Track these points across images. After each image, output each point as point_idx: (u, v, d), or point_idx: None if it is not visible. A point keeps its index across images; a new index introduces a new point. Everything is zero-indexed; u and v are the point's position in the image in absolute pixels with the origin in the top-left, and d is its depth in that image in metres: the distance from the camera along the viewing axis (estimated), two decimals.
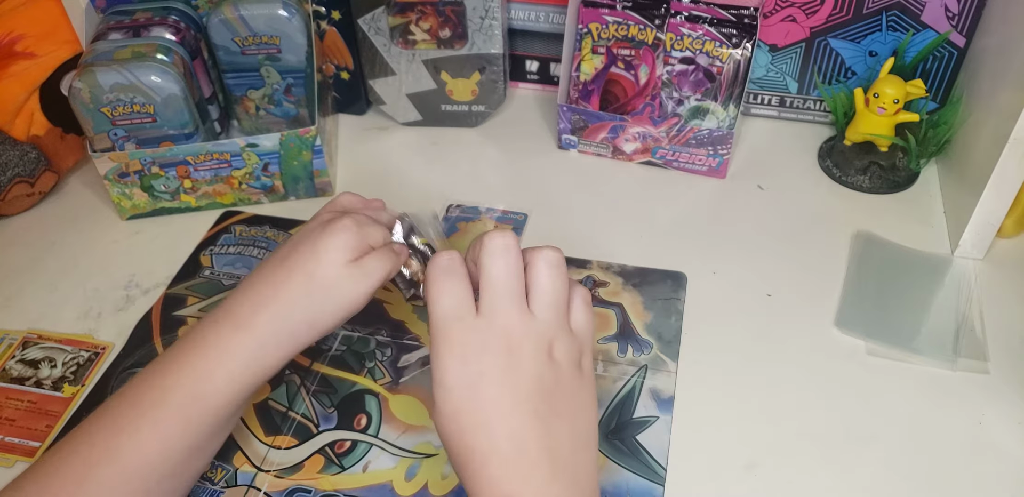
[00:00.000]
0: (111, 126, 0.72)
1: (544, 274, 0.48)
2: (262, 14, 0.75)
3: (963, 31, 0.77)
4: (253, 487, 0.57)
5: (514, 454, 0.44)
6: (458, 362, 0.45)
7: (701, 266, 0.71)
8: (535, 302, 0.47)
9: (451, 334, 0.46)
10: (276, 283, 0.52)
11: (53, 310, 0.69)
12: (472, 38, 0.80)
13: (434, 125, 0.88)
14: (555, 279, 0.48)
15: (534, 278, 0.47)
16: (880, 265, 0.71)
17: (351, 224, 0.53)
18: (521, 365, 0.45)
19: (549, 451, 0.45)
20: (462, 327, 0.46)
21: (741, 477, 0.57)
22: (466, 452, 0.45)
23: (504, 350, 0.45)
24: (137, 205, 0.77)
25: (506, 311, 0.46)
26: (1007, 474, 0.57)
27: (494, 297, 0.46)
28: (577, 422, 0.47)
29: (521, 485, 0.44)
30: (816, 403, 0.61)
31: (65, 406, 0.62)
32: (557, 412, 0.46)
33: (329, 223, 0.53)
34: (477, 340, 0.46)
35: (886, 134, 0.77)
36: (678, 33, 0.75)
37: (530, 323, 0.46)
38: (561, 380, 0.47)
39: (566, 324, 0.48)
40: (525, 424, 0.45)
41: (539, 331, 0.47)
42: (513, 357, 0.45)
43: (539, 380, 0.46)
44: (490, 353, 0.45)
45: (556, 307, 0.47)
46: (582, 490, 0.46)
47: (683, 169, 0.81)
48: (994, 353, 0.64)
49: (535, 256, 0.48)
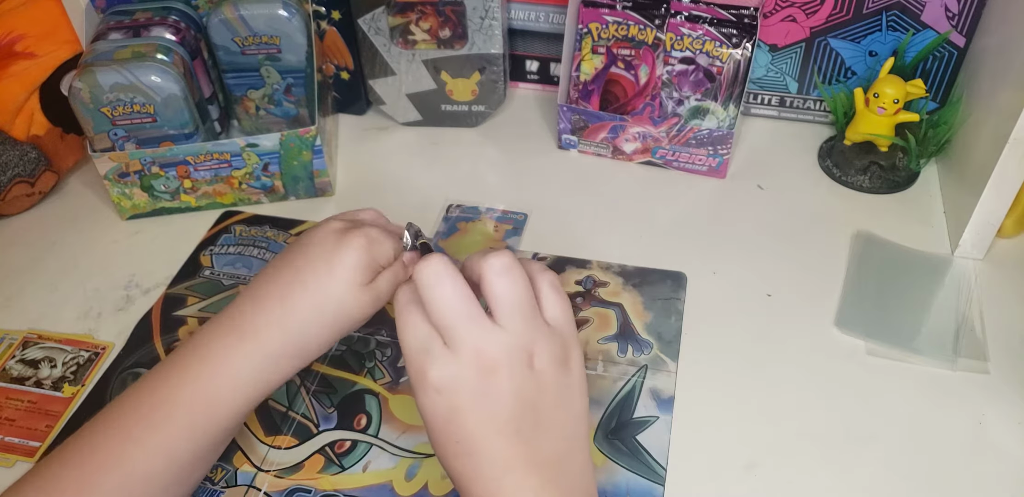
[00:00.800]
0: (111, 126, 0.72)
1: (496, 283, 0.45)
2: (262, 14, 0.75)
3: (963, 31, 0.77)
4: (253, 487, 0.57)
5: (500, 475, 0.44)
6: (432, 396, 0.44)
7: (701, 266, 0.71)
8: (498, 314, 0.44)
9: (421, 368, 0.44)
10: (289, 298, 0.51)
11: (53, 310, 0.70)
12: (472, 38, 0.80)
13: (434, 125, 0.88)
14: (509, 284, 0.45)
15: (487, 289, 0.45)
16: (880, 265, 0.71)
17: (364, 243, 0.52)
18: (498, 389, 0.44)
19: (536, 465, 0.44)
20: (431, 360, 0.44)
21: (741, 477, 0.57)
22: (454, 474, 0.45)
23: (477, 378, 0.44)
24: (137, 205, 0.77)
25: (470, 334, 0.44)
26: (1007, 474, 0.57)
27: (453, 325, 0.44)
28: (566, 424, 0.46)
29: None
30: (816, 403, 0.61)
31: (65, 406, 0.62)
32: (541, 423, 0.45)
33: (343, 239, 0.52)
34: (447, 373, 0.44)
35: (886, 134, 0.77)
36: (678, 33, 0.75)
37: (500, 339, 0.44)
38: (544, 387, 0.45)
39: (541, 323, 0.46)
40: (508, 447, 0.44)
41: (512, 344, 0.44)
42: (488, 382, 0.44)
43: (519, 397, 0.44)
44: (462, 384, 0.44)
45: (522, 312, 0.45)
46: (575, 489, 0.46)
47: (683, 169, 0.81)
48: (994, 353, 0.64)
49: (480, 266, 0.45)
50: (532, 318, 0.45)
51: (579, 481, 0.46)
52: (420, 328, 0.45)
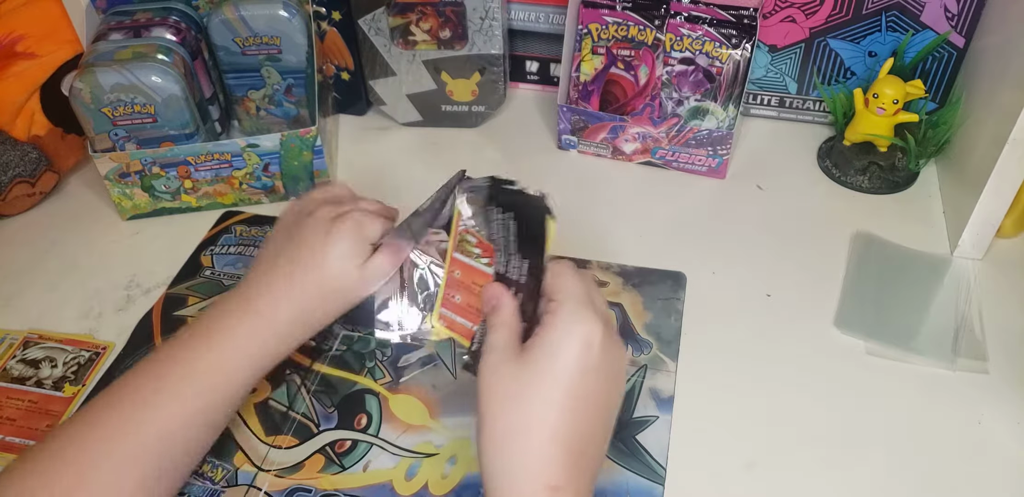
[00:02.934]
0: (112, 126, 0.72)
1: (565, 282, 0.50)
2: (262, 14, 0.75)
3: (962, 31, 0.77)
4: (254, 487, 0.57)
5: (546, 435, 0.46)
6: (581, 350, 0.47)
7: (701, 266, 0.72)
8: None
9: (585, 318, 0.48)
10: (290, 279, 0.56)
11: (54, 310, 0.70)
12: (472, 39, 0.80)
13: (434, 125, 0.88)
14: (575, 282, 0.50)
15: (556, 288, 0.50)
16: (879, 265, 0.71)
17: (353, 228, 0.57)
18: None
19: (575, 458, 0.46)
20: (594, 317, 0.48)
21: (741, 476, 0.57)
22: (502, 428, 0.46)
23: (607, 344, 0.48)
24: (138, 205, 0.77)
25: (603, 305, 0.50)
26: (1007, 474, 0.57)
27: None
28: (606, 401, 0.48)
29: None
30: (815, 403, 0.61)
31: (66, 406, 0.62)
32: (586, 408, 0.47)
33: (333, 228, 0.57)
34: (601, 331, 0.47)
35: (885, 134, 0.77)
36: (678, 34, 0.75)
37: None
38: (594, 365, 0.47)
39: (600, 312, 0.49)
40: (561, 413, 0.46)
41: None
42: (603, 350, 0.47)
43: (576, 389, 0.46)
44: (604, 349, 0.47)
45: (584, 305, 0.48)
46: (587, 468, 0.47)
47: (683, 169, 0.81)
48: (993, 353, 0.64)
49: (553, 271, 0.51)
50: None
51: (594, 460, 0.48)
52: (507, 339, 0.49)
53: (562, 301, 0.48)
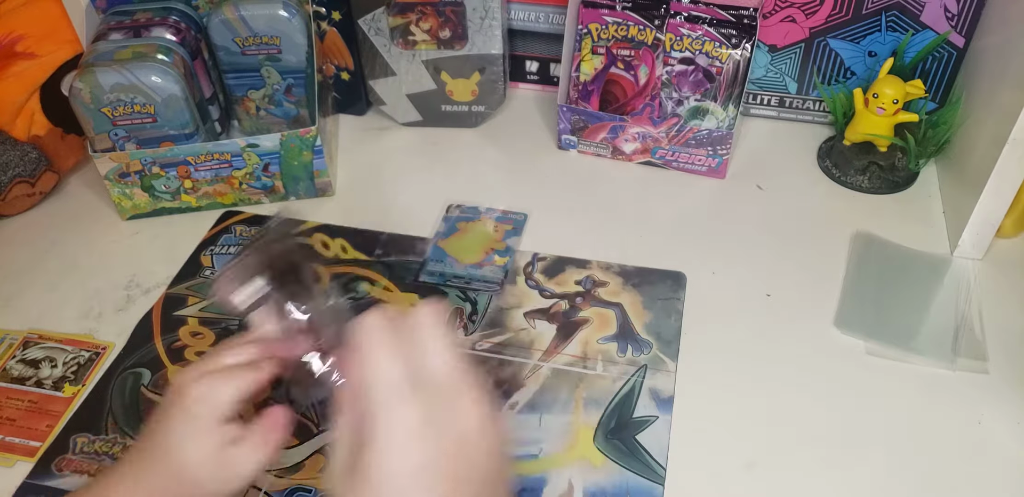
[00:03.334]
0: (112, 126, 0.72)
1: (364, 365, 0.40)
2: (262, 14, 0.75)
3: (962, 31, 0.77)
4: (254, 487, 0.57)
5: None
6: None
7: (701, 266, 0.72)
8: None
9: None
10: (150, 488, 0.48)
11: (53, 310, 0.70)
12: (472, 38, 0.80)
13: (434, 125, 0.88)
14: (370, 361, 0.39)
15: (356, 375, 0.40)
16: (879, 265, 0.71)
17: (204, 427, 0.47)
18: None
19: None
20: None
21: (741, 476, 0.57)
22: None
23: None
24: (137, 205, 0.77)
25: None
26: (1007, 474, 0.57)
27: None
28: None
29: None
30: (815, 403, 0.61)
31: (66, 406, 0.62)
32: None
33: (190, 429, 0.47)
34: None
35: (885, 134, 0.77)
36: (678, 33, 0.75)
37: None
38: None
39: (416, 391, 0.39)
40: None
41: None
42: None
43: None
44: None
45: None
46: None
47: (683, 169, 0.81)
48: (993, 353, 0.64)
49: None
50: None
51: None
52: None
53: (364, 395, 0.39)
